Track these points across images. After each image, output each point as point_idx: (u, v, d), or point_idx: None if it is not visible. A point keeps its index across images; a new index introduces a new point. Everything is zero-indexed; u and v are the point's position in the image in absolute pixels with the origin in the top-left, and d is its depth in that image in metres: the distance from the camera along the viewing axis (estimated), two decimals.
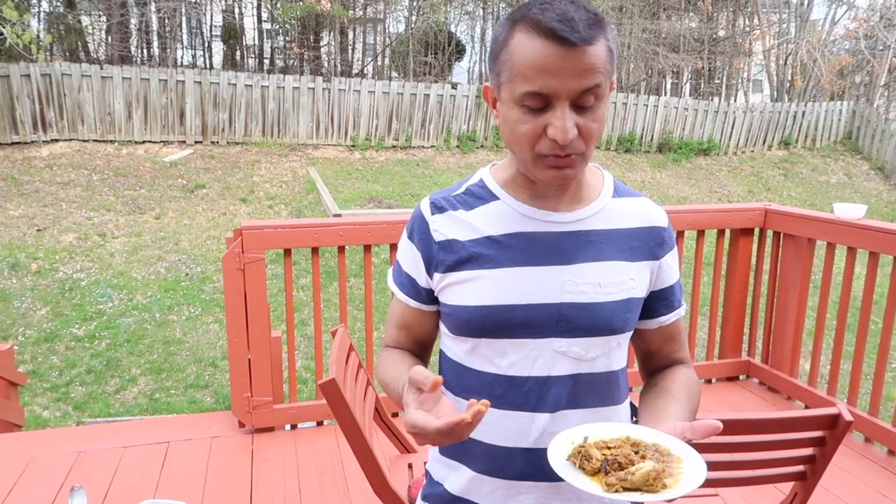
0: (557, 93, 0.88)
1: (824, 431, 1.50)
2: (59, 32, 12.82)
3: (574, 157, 0.92)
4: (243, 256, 2.67)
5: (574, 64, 0.87)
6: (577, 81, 0.88)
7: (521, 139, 0.93)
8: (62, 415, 5.42)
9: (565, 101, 0.89)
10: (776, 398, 3.27)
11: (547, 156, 0.92)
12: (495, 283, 0.99)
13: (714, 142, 13.68)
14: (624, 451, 0.82)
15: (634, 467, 0.80)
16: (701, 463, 0.80)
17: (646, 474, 0.78)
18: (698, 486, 0.77)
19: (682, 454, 0.82)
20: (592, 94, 0.90)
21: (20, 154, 9.90)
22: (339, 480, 2.55)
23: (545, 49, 0.87)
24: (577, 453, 0.84)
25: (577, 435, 0.88)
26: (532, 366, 1.00)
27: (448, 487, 1.09)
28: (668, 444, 0.84)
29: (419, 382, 0.85)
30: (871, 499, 2.45)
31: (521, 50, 0.89)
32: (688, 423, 0.88)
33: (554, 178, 0.95)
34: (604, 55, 0.90)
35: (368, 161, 11.54)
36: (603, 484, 0.80)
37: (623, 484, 0.79)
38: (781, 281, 3.31)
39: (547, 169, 0.94)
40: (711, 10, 15.78)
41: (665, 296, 1.09)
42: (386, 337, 1.16)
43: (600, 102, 0.92)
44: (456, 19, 15.86)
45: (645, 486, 0.78)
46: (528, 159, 0.95)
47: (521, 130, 0.92)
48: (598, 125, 0.93)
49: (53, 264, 7.65)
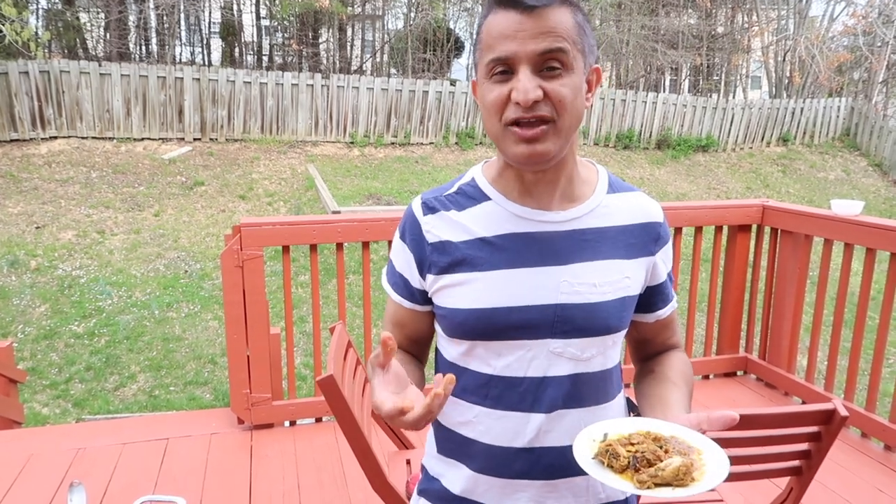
0: (517, 55, 0.89)
1: (820, 426, 1.51)
2: (58, 29, 12.80)
3: (543, 126, 0.90)
4: (242, 253, 2.68)
5: (531, 26, 0.89)
6: (534, 42, 0.89)
7: (490, 109, 0.93)
8: (62, 412, 5.43)
9: (526, 65, 0.89)
10: (773, 394, 3.28)
11: (514, 124, 0.91)
12: (489, 286, 0.98)
13: (713, 138, 13.68)
14: (650, 448, 0.83)
15: (664, 463, 0.81)
16: (722, 454, 0.81)
17: (676, 469, 0.79)
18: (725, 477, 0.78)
19: (702, 446, 0.84)
20: (556, 59, 0.90)
21: (19, 151, 9.89)
22: (338, 476, 2.56)
23: (505, 16, 0.90)
24: (604, 452, 0.85)
25: (596, 432, 0.89)
26: (528, 367, 0.99)
27: (445, 483, 1.09)
28: (685, 436, 0.85)
29: (377, 358, 0.84)
30: (867, 494, 2.46)
31: (487, 25, 0.93)
32: (703, 414, 0.88)
33: (524, 155, 0.92)
34: (567, 23, 0.91)
35: (367, 158, 11.54)
36: (634, 481, 0.81)
37: (654, 480, 0.80)
38: (779, 277, 3.32)
39: (517, 143, 0.92)
40: (710, 7, 15.76)
41: (661, 290, 1.10)
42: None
43: (569, 71, 0.91)
44: (454, 16, 15.84)
45: (675, 480, 0.79)
46: (498, 133, 0.94)
47: (489, 99, 0.92)
48: (570, 92, 0.91)
49: (52, 261, 7.65)
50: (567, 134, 0.94)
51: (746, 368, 3.48)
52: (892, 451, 2.74)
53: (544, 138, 0.91)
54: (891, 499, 2.43)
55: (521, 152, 0.92)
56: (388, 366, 0.85)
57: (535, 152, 0.92)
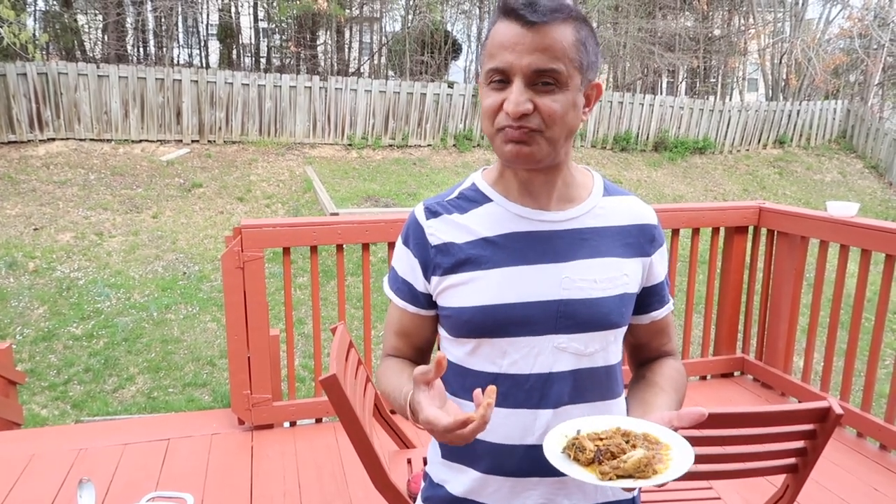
0: (513, 68, 0.92)
1: (815, 425, 1.53)
2: (56, 31, 12.79)
3: (531, 133, 0.94)
4: (243, 255, 2.70)
5: (530, 41, 0.91)
6: (529, 58, 0.91)
7: (485, 114, 0.97)
8: (60, 413, 5.43)
9: (520, 78, 0.92)
10: (770, 394, 3.30)
11: (503, 129, 0.95)
12: (493, 283, 1.00)
13: (709, 140, 13.74)
14: (615, 441, 0.86)
15: (626, 455, 0.84)
16: (688, 449, 0.84)
17: (637, 461, 0.82)
18: (686, 470, 0.81)
19: (671, 441, 0.87)
20: (550, 77, 0.92)
21: (17, 153, 9.89)
22: (338, 476, 2.58)
23: (507, 27, 0.93)
24: (571, 445, 0.88)
25: (570, 429, 0.92)
26: (533, 363, 1.01)
27: (450, 489, 1.09)
28: (656, 432, 0.88)
29: (425, 375, 0.86)
30: (863, 493, 2.49)
31: (493, 33, 0.96)
32: (674, 412, 0.91)
33: (511, 154, 0.96)
34: (567, 40, 0.93)
35: (365, 160, 11.56)
36: (597, 473, 0.84)
37: (616, 472, 0.83)
38: (775, 278, 3.34)
39: (505, 143, 0.96)
40: (707, 10, 15.83)
41: (656, 291, 1.12)
42: (385, 345, 1.17)
43: (563, 88, 0.94)
44: (452, 18, 15.88)
45: (637, 472, 0.82)
46: (491, 134, 0.98)
47: (485, 105, 0.97)
48: (560, 107, 0.94)
49: (51, 263, 7.65)
50: (555, 143, 0.97)
51: (743, 369, 3.51)
52: (888, 451, 2.76)
53: (531, 142, 0.95)
54: (886, 497, 2.45)
55: (510, 151, 0.96)
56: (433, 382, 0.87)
57: (521, 152, 0.96)
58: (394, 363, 1.12)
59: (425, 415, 0.84)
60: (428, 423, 0.83)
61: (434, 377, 0.86)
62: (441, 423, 0.82)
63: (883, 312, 2.76)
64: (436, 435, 0.84)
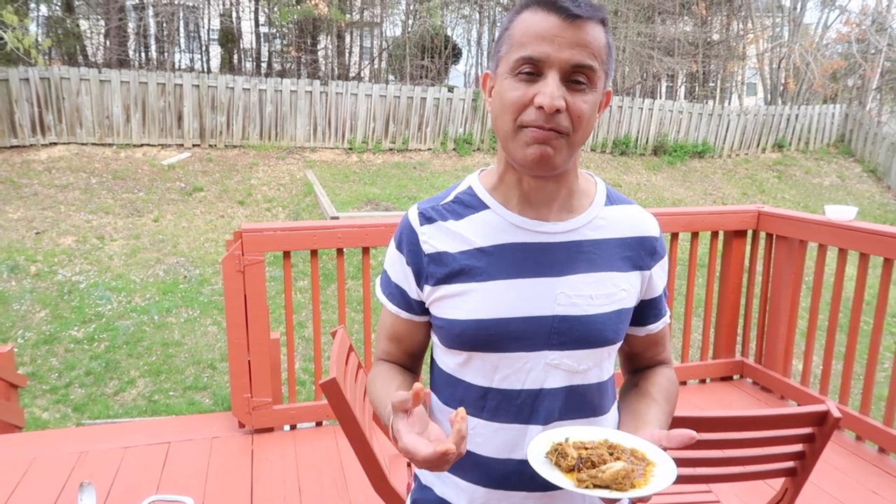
0: (550, 60, 0.88)
1: (813, 428, 1.54)
2: (58, 36, 12.84)
3: (557, 135, 0.90)
4: (243, 258, 2.71)
5: (571, 35, 0.88)
6: (569, 52, 0.88)
7: (508, 107, 0.91)
8: (62, 416, 5.43)
9: (556, 71, 0.89)
10: (769, 397, 3.31)
11: (528, 127, 0.90)
12: (487, 297, 0.97)
13: (708, 144, 13.76)
14: (599, 452, 0.86)
15: (605, 466, 0.83)
16: (672, 467, 0.84)
17: (615, 473, 0.82)
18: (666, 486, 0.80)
19: (657, 459, 0.86)
20: (584, 74, 0.90)
21: (19, 157, 9.91)
22: (339, 480, 2.59)
23: (545, 18, 0.89)
24: (553, 451, 0.88)
25: (558, 436, 0.92)
26: (525, 379, 0.99)
27: (438, 493, 1.09)
28: (644, 449, 0.88)
29: (403, 404, 0.83)
30: (862, 496, 2.49)
31: (523, 23, 0.91)
32: (665, 432, 0.90)
33: (534, 156, 0.91)
34: (601, 41, 0.91)
35: (365, 164, 11.58)
36: (575, 480, 0.83)
37: (593, 481, 0.82)
38: (774, 282, 3.35)
39: (527, 145, 0.91)
40: (706, 15, 15.88)
41: (654, 304, 1.10)
42: (378, 348, 1.15)
43: (592, 88, 0.91)
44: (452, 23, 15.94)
45: (614, 483, 0.82)
46: (509, 132, 0.92)
47: (510, 97, 0.91)
48: (589, 109, 0.91)
49: (52, 267, 7.66)
50: (575, 148, 0.94)
51: (742, 372, 3.52)
52: (887, 454, 2.77)
53: (556, 146, 0.91)
54: (885, 500, 2.46)
55: (532, 153, 0.91)
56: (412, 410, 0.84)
57: (545, 154, 0.91)
58: (384, 372, 1.09)
59: (403, 443, 0.82)
60: (407, 453, 0.81)
61: (412, 406, 0.83)
62: (420, 455, 0.80)
63: (881, 315, 2.77)
64: (415, 464, 0.82)
